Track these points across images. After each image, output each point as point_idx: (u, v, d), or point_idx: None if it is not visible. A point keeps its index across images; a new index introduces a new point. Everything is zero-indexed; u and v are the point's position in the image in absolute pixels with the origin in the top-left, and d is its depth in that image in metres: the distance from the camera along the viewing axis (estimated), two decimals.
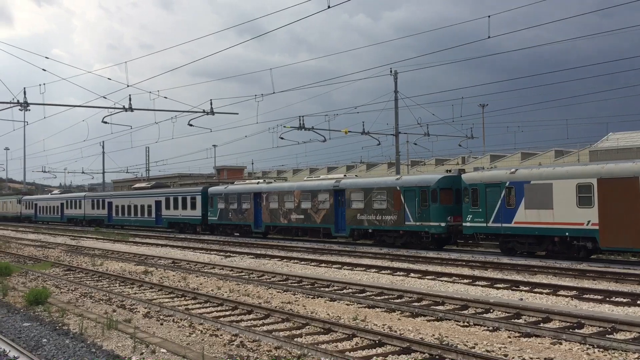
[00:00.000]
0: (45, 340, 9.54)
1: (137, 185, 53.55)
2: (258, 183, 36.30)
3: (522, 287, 14.99)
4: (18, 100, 25.27)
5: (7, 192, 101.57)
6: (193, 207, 40.16)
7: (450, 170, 26.87)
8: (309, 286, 15.79)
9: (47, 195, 72.52)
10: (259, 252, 26.10)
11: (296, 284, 16.21)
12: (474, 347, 8.97)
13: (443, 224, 24.62)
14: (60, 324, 10.94)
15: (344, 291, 14.81)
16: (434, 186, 25.00)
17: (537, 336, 9.67)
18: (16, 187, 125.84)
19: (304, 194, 31.19)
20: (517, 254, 22.11)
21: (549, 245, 21.13)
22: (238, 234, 36.65)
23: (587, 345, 9.00)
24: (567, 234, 20.23)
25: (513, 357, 8.40)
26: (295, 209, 31.64)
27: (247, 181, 39.38)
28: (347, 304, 13.03)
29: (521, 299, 13.35)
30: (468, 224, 23.51)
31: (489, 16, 21.52)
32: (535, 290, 14.58)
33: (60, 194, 68.68)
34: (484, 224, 22.83)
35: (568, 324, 10.58)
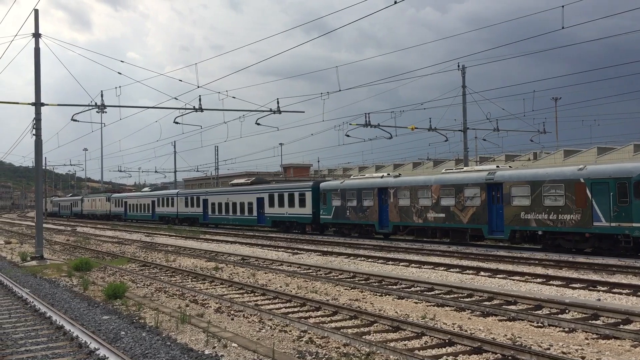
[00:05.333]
0: (123, 332, 9.94)
1: (235, 181, 50.08)
2: (382, 177, 32.43)
3: (599, 287, 14.40)
4: (96, 103, 26.40)
5: (88, 190, 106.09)
6: (302, 204, 37.01)
7: None
8: (377, 284, 15.74)
9: (137, 192, 71.54)
10: (325, 249, 26.23)
11: (363, 282, 16.19)
12: (549, 349, 8.68)
13: None
14: (137, 318, 11.36)
15: (412, 289, 14.67)
16: (639, 177, 20.10)
17: (616, 338, 9.26)
18: (94, 186, 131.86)
19: (445, 189, 26.99)
20: None
21: None
22: (357, 234, 33.13)
23: None
24: None
25: None
26: (434, 207, 27.50)
27: (367, 175, 35.71)
28: (416, 302, 12.89)
29: (599, 300, 12.82)
30: None
31: (562, 6, 20.76)
32: (614, 290, 13.96)
33: (151, 191, 67.05)
34: None
35: None
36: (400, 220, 29.58)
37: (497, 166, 27.66)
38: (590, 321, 10.53)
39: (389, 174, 33.48)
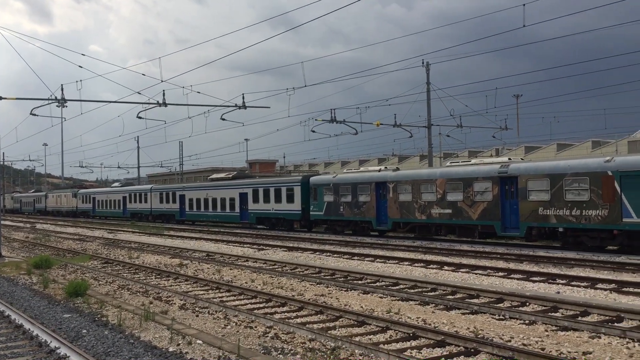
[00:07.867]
0: (85, 331, 9.76)
1: (215, 175, 47.57)
2: (380, 170, 30.33)
3: (558, 280, 14.76)
4: (56, 97, 25.86)
5: (48, 187, 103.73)
6: (290, 199, 34.90)
7: None
8: (342, 279, 15.81)
9: (106, 188, 68.03)
10: (291, 245, 26.23)
11: (329, 277, 16.25)
12: (510, 341, 8.86)
13: None
14: (99, 316, 11.18)
15: (377, 284, 14.78)
16: None
17: (575, 330, 9.51)
18: (54, 182, 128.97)
19: (452, 183, 25.23)
20: None
21: None
22: (351, 232, 31.20)
23: (627, 339, 8.81)
24: None
25: (550, 351, 8.27)
26: (439, 202, 25.73)
27: (362, 168, 33.86)
28: (381, 297, 13.01)
29: (558, 292, 13.13)
30: None
31: (524, 4, 21.16)
32: (573, 283, 14.33)
33: (121, 186, 63.66)
34: None
35: (607, 317, 10.37)
36: (401, 216, 27.82)
37: (510, 158, 25.85)
38: (549, 313, 10.79)
39: (386, 168, 31.31)
